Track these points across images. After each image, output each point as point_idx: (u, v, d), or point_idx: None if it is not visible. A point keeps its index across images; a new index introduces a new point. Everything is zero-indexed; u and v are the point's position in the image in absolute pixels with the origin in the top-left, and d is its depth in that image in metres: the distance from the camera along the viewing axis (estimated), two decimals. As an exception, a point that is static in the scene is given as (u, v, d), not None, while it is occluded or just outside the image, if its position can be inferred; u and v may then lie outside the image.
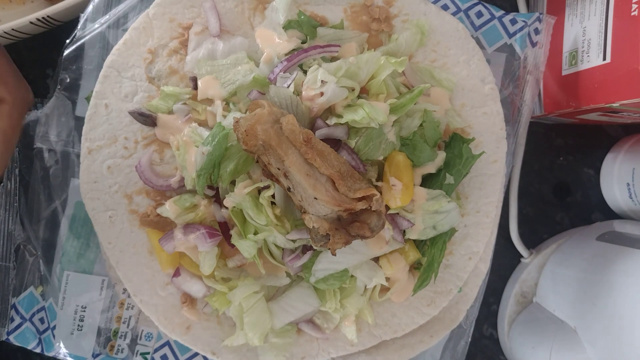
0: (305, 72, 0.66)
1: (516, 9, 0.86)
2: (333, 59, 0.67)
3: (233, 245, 0.66)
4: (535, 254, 0.86)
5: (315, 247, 0.63)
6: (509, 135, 0.72)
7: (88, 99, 0.70)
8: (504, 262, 0.89)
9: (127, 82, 0.69)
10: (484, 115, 0.71)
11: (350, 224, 0.61)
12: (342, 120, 0.63)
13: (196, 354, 0.73)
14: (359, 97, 0.66)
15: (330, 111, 0.65)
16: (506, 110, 0.73)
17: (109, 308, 0.73)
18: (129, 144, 0.69)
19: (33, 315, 0.73)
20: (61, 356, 0.73)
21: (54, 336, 0.73)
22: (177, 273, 0.69)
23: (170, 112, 0.69)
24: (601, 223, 0.84)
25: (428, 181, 0.69)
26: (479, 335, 0.90)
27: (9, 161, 0.61)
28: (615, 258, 0.72)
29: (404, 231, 0.68)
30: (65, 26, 0.77)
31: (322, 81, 0.63)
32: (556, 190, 0.90)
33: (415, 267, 0.71)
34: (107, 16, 0.71)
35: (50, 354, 0.73)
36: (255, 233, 0.65)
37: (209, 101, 0.68)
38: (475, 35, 0.74)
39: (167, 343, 0.74)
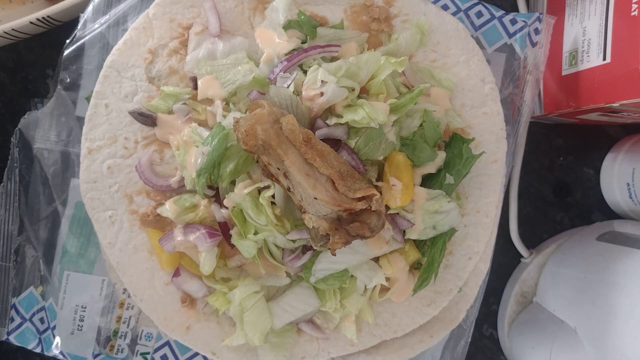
0: (305, 72, 0.66)
1: (516, 9, 0.86)
2: (333, 59, 0.67)
3: (233, 245, 0.66)
4: (535, 254, 0.86)
5: (315, 247, 0.63)
6: (509, 135, 0.72)
7: (88, 99, 0.70)
8: (504, 262, 0.89)
9: (127, 82, 0.69)
10: (484, 115, 0.71)
11: (350, 224, 0.61)
12: (342, 120, 0.63)
13: (196, 354, 0.73)
14: (359, 97, 0.66)
15: (330, 111, 0.65)
16: (506, 110, 0.73)
17: (109, 308, 0.73)
18: (129, 144, 0.69)
19: (33, 315, 0.73)
20: (61, 356, 0.73)
21: (54, 336, 0.73)
22: (177, 273, 0.69)
23: (170, 112, 0.69)
24: (601, 223, 0.84)
25: (428, 181, 0.69)
26: (479, 335, 0.90)
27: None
28: (615, 258, 0.72)
29: (404, 231, 0.68)
30: (65, 26, 0.77)
31: (322, 81, 0.63)
32: (556, 190, 0.90)
33: (415, 267, 0.71)
34: (107, 16, 0.71)
35: (50, 354, 0.73)
36: (255, 233, 0.65)
37: (209, 101, 0.68)
38: (475, 35, 0.74)
39: (167, 343, 0.74)
